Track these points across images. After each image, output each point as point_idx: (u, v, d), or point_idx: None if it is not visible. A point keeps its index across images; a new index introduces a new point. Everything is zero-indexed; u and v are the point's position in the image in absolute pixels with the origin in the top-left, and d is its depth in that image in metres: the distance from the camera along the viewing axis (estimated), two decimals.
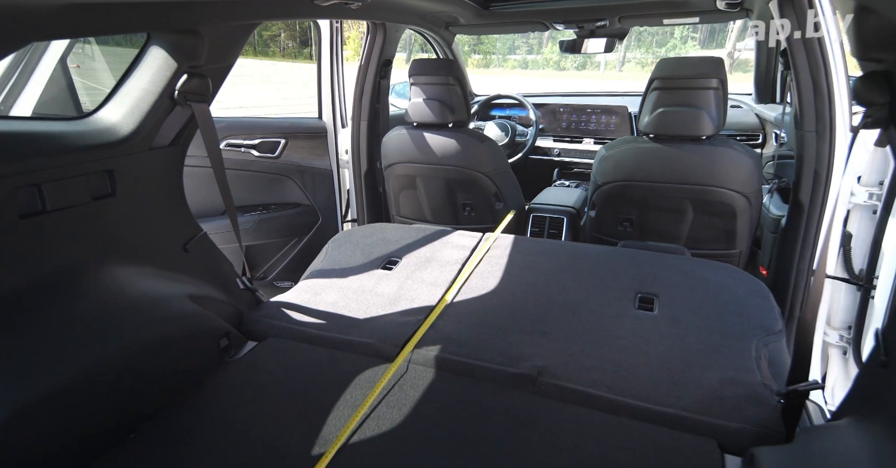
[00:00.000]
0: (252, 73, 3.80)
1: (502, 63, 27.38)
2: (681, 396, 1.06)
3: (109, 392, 0.99)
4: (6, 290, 0.92)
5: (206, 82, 1.24)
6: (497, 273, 1.61)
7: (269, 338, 1.37)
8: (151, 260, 1.23)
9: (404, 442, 0.98)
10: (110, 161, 1.11)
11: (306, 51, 9.28)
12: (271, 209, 2.27)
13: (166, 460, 0.94)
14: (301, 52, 11.34)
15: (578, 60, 21.33)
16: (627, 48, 20.00)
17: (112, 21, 0.93)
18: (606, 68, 21.37)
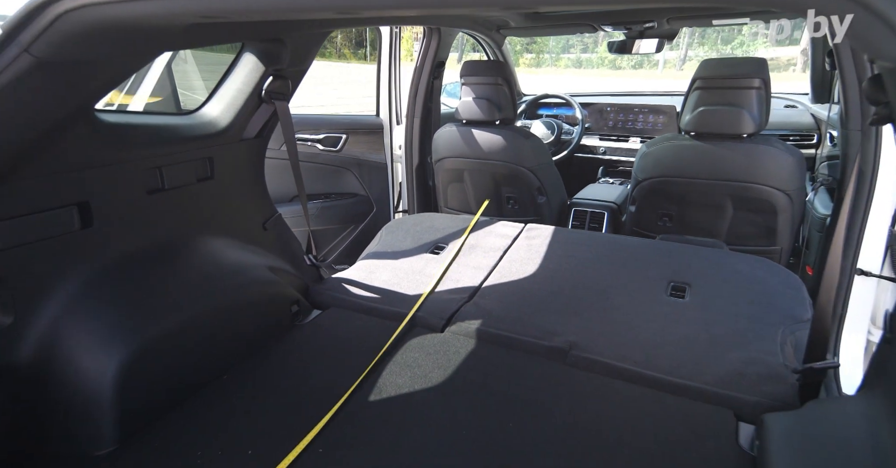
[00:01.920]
0: (311, 74, 4.11)
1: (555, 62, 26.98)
2: (703, 372, 1.15)
3: (207, 339, 1.20)
4: (135, 251, 1.15)
5: (287, 83, 1.43)
6: (536, 259, 1.73)
7: (331, 307, 1.56)
8: (238, 234, 1.45)
9: (448, 396, 1.13)
10: (211, 149, 1.33)
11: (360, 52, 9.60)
12: (332, 198, 2.49)
13: (250, 398, 1.14)
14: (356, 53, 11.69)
15: (635, 59, 20.66)
16: (689, 45, 19.20)
17: (220, 34, 1.13)
18: (665, 67, 20.57)
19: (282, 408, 1.09)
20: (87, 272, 1.05)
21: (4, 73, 0.76)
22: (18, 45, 0.76)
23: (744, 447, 0.97)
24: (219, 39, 1.20)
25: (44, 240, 0.98)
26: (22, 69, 0.78)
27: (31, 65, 0.78)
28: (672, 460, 0.94)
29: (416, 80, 2.36)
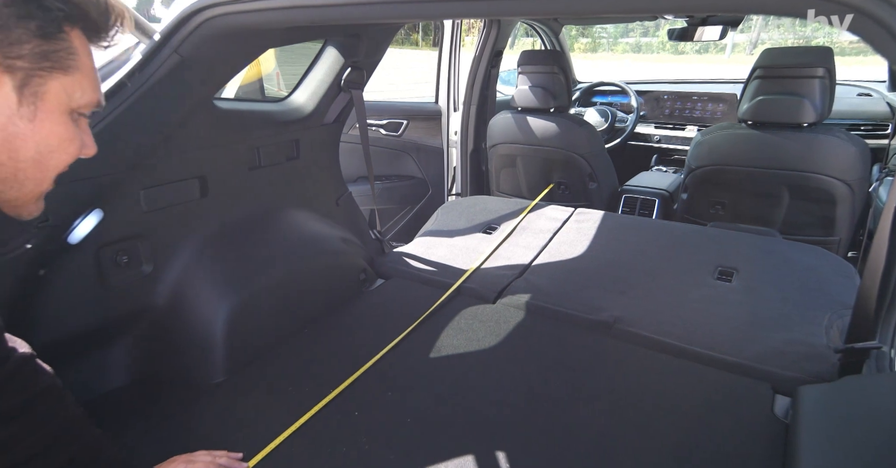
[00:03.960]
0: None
1: (612, 47, 25.97)
2: (744, 349, 1.21)
3: (292, 296, 1.40)
4: (239, 218, 1.36)
5: (363, 73, 1.60)
6: (585, 241, 1.83)
7: (393, 277, 1.73)
8: (317, 208, 1.64)
9: (497, 356, 1.27)
10: (298, 132, 1.52)
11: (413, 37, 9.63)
12: (392, 180, 2.68)
13: (326, 347, 1.33)
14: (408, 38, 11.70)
15: (700, 43, 19.52)
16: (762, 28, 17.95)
17: (311, 33, 1.31)
18: (734, 51, 19.33)
19: (352, 357, 1.26)
20: (203, 234, 1.26)
21: (160, 69, 0.96)
22: (170, 47, 0.96)
23: (778, 416, 1.04)
24: (310, 37, 1.37)
25: (173, 206, 1.19)
26: (171, 66, 0.97)
27: (178, 63, 0.98)
28: (706, 424, 1.02)
29: (474, 68, 2.48)
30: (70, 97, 0.55)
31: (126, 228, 1.11)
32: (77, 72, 0.55)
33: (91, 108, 0.59)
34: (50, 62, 0.52)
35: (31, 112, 0.52)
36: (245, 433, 1.01)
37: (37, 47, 0.50)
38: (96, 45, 0.59)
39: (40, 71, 0.52)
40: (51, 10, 0.51)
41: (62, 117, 0.55)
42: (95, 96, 0.59)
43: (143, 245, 1.15)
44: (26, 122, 0.52)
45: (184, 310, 1.20)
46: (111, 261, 1.09)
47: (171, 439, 0.99)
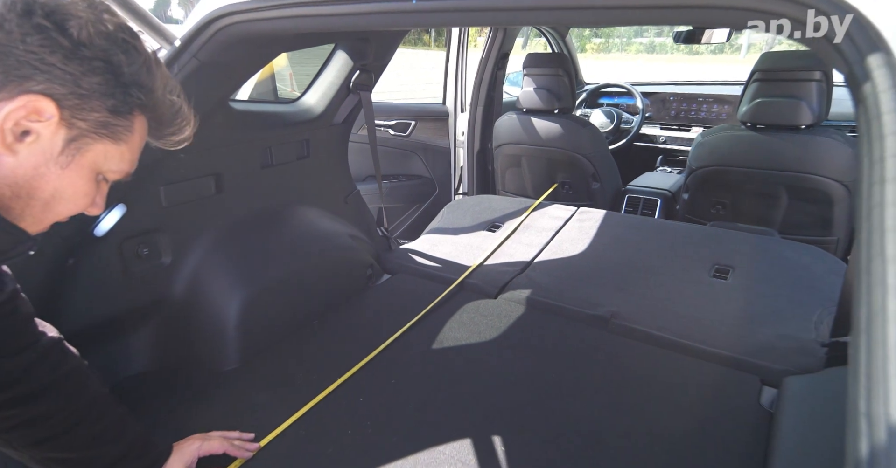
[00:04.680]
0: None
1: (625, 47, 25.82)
2: (735, 343, 1.25)
3: (301, 290, 1.46)
4: (251, 214, 1.42)
5: (371, 76, 1.65)
6: (586, 240, 1.87)
7: (399, 273, 1.79)
8: (326, 206, 1.70)
9: (498, 349, 1.32)
10: (308, 132, 1.58)
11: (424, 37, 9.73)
12: (399, 179, 2.74)
13: (333, 339, 1.39)
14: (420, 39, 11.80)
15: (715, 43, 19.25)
16: None
17: (322, 38, 1.37)
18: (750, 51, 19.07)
19: (358, 347, 1.32)
20: (219, 229, 1.33)
21: (180, 73, 1.02)
22: (190, 52, 1.02)
23: (764, 405, 1.09)
24: (321, 41, 1.44)
25: (191, 202, 1.26)
26: (191, 70, 1.04)
27: (196, 67, 1.04)
28: (695, 413, 1.07)
29: (480, 70, 2.53)
30: (105, 162, 0.60)
31: (147, 222, 1.18)
32: (124, 145, 0.60)
33: (117, 177, 0.64)
34: (106, 131, 0.57)
35: (67, 162, 0.56)
36: (256, 416, 1.07)
37: (102, 117, 0.56)
38: (152, 135, 0.65)
39: (94, 134, 0.57)
40: (130, 97, 0.57)
41: (89, 175, 0.60)
42: (127, 169, 0.64)
43: (162, 238, 1.22)
44: (58, 169, 0.56)
45: (199, 301, 1.26)
46: (133, 253, 1.16)
47: (187, 421, 1.06)
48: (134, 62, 0.57)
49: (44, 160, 0.55)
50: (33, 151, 0.54)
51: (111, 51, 0.55)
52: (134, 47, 0.57)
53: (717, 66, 14.31)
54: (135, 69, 0.57)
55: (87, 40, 0.53)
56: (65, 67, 0.52)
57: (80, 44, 0.52)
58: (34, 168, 0.55)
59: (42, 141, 0.54)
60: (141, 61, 0.58)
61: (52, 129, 0.54)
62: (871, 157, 0.42)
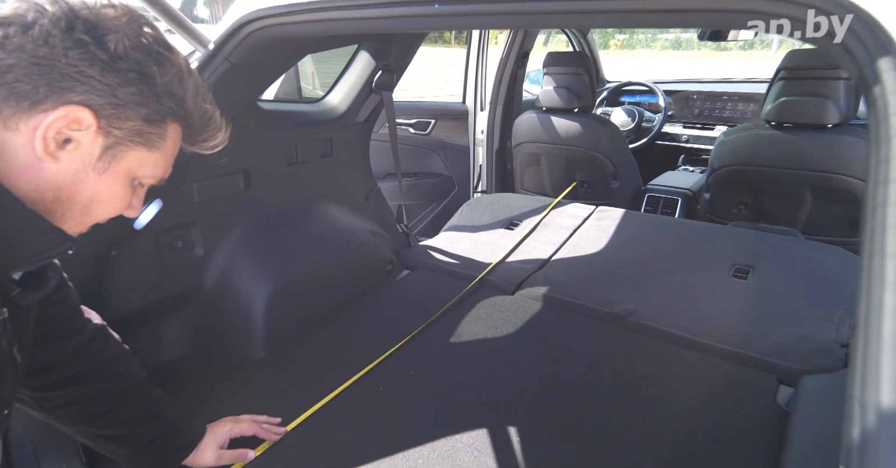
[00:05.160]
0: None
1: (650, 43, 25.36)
2: (753, 343, 1.25)
3: (324, 284, 1.52)
4: (277, 211, 1.48)
5: (392, 76, 1.69)
6: (604, 238, 1.88)
7: (418, 269, 1.83)
8: (348, 202, 1.75)
9: (514, 343, 1.35)
10: (331, 131, 1.63)
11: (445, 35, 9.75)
12: (419, 177, 2.78)
13: (355, 331, 1.43)
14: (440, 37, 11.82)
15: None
16: None
17: (346, 39, 1.41)
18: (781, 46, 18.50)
19: (379, 340, 1.36)
20: (246, 224, 1.39)
21: (213, 75, 1.08)
22: (222, 55, 1.07)
23: (780, 404, 1.08)
24: (344, 43, 1.48)
25: (222, 197, 1.32)
26: (223, 72, 1.09)
27: (228, 69, 1.10)
28: (710, 410, 1.07)
29: (500, 69, 2.55)
30: (140, 168, 0.63)
31: (181, 216, 1.24)
32: (157, 152, 0.64)
33: (152, 182, 0.67)
34: (140, 139, 0.61)
35: (104, 168, 0.60)
36: (282, 402, 1.12)
37: (137, 126, 0.59)
38: (186, 142, 0.68)
39: (129, 142, 0.60)
40: (163, 106, 0.60)
41: (125, 180, 0.63)
42: (161, 175, 0.67)
43: (195, 231, 1.28)
44: (95, 174, 0.60)
45: (229, 292, 1.32)
46: (168, 246, 1.23)
47: (218, 405, 1.11)
48: (167, 73, 0.60)
49: (83, 166, 0.58)
50: (73, 158, 0.57)
51: (145, 63, 0.58)
52: (167, 59, 0.60)
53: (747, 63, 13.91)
54: (167, 80, 0.60)
55: (123, 53, 0.56)
56: (102, 79, 0.55)
57: (117, 57, 0.56)
58: (74, 174, 0.58)
59: (81, 148, 0.57)
60: (173, 72, 0.61)
61: (90, 138, 0.57)
62: (878, 158, 0.44)
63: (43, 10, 0.53)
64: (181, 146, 0.69)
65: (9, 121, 0.53)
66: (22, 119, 0.53)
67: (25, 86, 0.52)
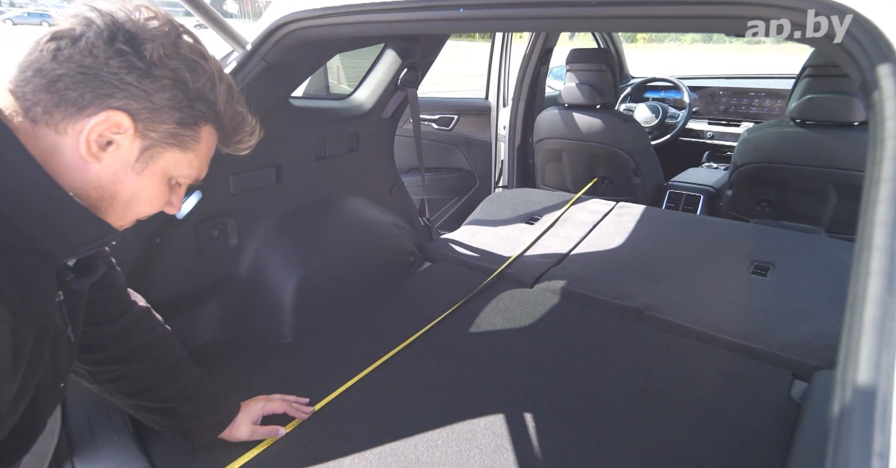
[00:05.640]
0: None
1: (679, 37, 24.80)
2: (770, 338, 1.26)
3: (349, 273, 1.58)
4: (305, 203, 1.55)
5: (417, 73, 1.74)
6: (623, 234, 1.90)
7: (439, 261, 1.88)
8: (372, 196, 1.81)
9: (531, 335, 1.39)
10: (358, 127, 1.69)
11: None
12: (441, 172, 2.83)
13: (378, 320, 1.49)
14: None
15: None
16: None
17: (374, 39, 1.46)
18: None
19: (401, 328, 1.42)
20: (277, 215, 1.46)
21: (250, 74, 1.14)
22: (259, 55, 1.14)
23: (794, 398, 1.10)
24: (372, 42, 1.54)
25: (255, 190, 1.40)
26: (259, 71, 1.15)
27: (264, 68, 1.16)
28: (723, 402, 1.10)
29: (524, 66, 2.57)
30: (176, 168, 0.68)
31: (218, 207, 1.32)
32: (192, 153, 0.68)
33: (188, 181, 0.71)
34: (175, 141, 0.65)
35: (141, 168, 0.64)
36: (310, 384, 1.19)
37: (171, 129, 0.64)
38: (221, 143, 0.73)
39: (165, 144, 0.65)
40: (195, 109, 0.65)
41: (161, 180, 0.67)
42: (196, 175, 0.71)
43: (230, 222, 1.36)
44: (134, 175, 0.64)
45: (260, 280, 1.40)
46: (206, 235, 1.31)
47: (250, 385, 1.19)
48: (199, 79, 0.64)
49: (122, 167, 0.63)
50: (114, 159, 0.62)
51: (179, 69, 0.62)
52: (200, 66, 0.64)
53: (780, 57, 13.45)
54: (199, 85, 0.64)
55: (158, 61, 0.60)
56: (139, 85, 0.59)
57: (153, 64, 0.60)
58: (114, 173, 0.63)
59: (121, 150, 0.62)
60: (206, 78, 0.65)
61: (129, 140, 0.62)
62: (874, 159, 0.47)
63: (90, 23, 0.58)
64: (217, 147, 0.73)
65: (59, 125, 0.58)
66: (70, 123, 0.58)
67: (73, 93, 0.57)
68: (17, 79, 0.57)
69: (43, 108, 0.57)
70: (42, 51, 0.57)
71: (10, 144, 0.56)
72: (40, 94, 0.57)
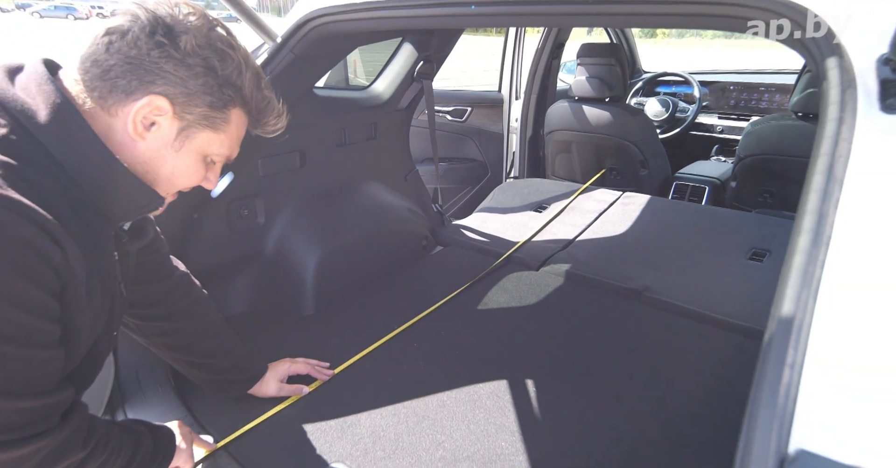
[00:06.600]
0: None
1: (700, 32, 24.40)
2: (762, 317, 1.34)
3: (365, 254, 1.69)
4: (326, 187, 1.66)
5: (433, 66, 1.83)
6: (628, 222, 1.98)
7: (451, 246, 1.98)
8: (388, 182, 1.92)
9: (536, 314, 1.48)
10: (376, 116, 1.79)
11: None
12: (454, 162, 2.92)
13: (392, 297, 1.60)
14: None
15: None
16: None
17: (393, 33, 1.56)
18: None
19: (413, 304, 1.52)
20: (300, 197, 1.57)
21: (279, 65, 1.25)
22: (288, 48, 1.24)
23: None
24: (391, 36, 1.63)
25: (281, 173, 1.51)
26: (287, 63, 1.26)
27: (291, 60, 1.26)
28: (715, 374, 1.18)
29: (536, 59, 2.64)
30: (209, 147, 0.76)
31: (248, 188, 1.43)
32: (223, 133, 0.76)
33: (221, 159, 0.80)
34: (207, 122, 0.74)
35: (179, 147, 0.73)
36: (330, 352, 1.30)
37: (204, 111, 0.73)
38: (251, 126, 0.81)
39: (198, 125, 0.73)
40: (224, 94, 0.73)
41: (197, 157, 0.76)
42: (227, 153, 0.80)
43: (258, 202, 1.47)
44: (172, 152, 0.73)
45: (284, 257, 1.51)
46: (237, 213, 1.42)
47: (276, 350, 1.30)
48: (227, 66, 0.73)
49: (163, 145, 0.72)
50: (156, 138, 0.72)
51: (210, 58, 0.71)
52: (229, 55, 0.73)
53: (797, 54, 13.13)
54: (227, 72, 0.73)
55: (192, 51, 0.69)
56: (175, 72, 0.68)
57: (187, 54, 0.69)
58: (157, 150, 0.73)
59: (162, 130, 0.71)
60: (233, 66, 0.73)
61: (168, 121, 0.71)
62: (819, 137, 0.55)
63: (136, 19, 0.68)
64: (248, 130, 0.82)
65: (111, 108, 0.68)
66: (120, 107, 0.68)
67: (122, 80, 0.67)
68: (81, 69, 0.68)
69: (99, 93, 0.67)
70: (98, 44, 0.67)
71: (80, 125, 0.66)
72: (97, 81, 0.67)
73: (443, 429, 1.05)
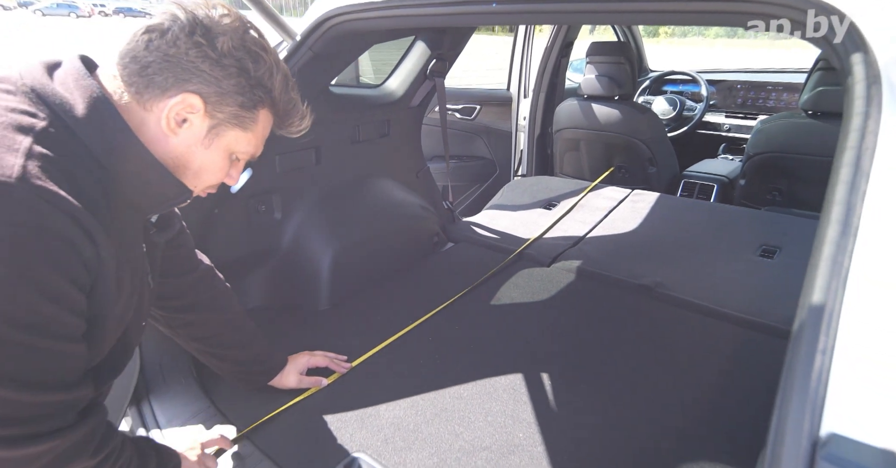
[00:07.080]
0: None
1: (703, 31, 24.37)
2: (772, 313, 1.36)
3: (379, 250, 1.71)
4: (340, 183, 1.67)
5: (445, 64, 1.85)
6: (637, 219, 1.99)
7: (461, 242, 2.00)
8: (400, 179, 1.93)
9: (547, 308, 1.50)
10: (389, 114, 1.80)
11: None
12: (463, 159, 2.93)
13: (405, 292, 1.62)
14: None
15: None
16: None
17: (407, 31, 1.57)
18: None
19: (426, 300, 1.54)
20: (316, 194, 1.59)
21: (298, 62, 1.26)
22: (307, 46, 1.26)
23: None
24: (405, 34, 1.65)
25: (297, 169, 1.52)
26: (306, 61, 1.28)
27: (310, 58, 1.28)
28: (723, 369, 1.20)
29: (545, 58, 2.65)
30: (237, 145, 0.78)
31: (265, 184, 1.45)
32: (251, 133, 0.78)
33: (246, 157, 0.82)
34: (237, 121, 0.76)
35: (209, 143, 0.75)
36: (346, 346, 1.32)
37: (235, 111, 0.75)
38: (276, 126, 0.83)
39: (228, 123, 0.75)
40: (255, 95, 0.75)
41: (224, 154, 0.78)
42: (252, 152, 0.82)
43: (275, 198, 1.49)
44: (202, 149, 0.75)
45: (300, 252, 1.53)
46: (254, 209, 1.44)
47: (294, 345, 1.32)
48: (259, 68, 0.74)
49: (193, 141, 0.74)
50: (188, 134, 0.73)
51: (244, 60, 0.73)
52: (261, 57, 0.75)
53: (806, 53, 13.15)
54: (260, 74, 0.74)
55: (227, 52, 0.71)
56: (211, 72, 0.70)
57: (223, 54, 0.71)
58: (187, 146, 0.74)
59: (193, 127, 0.73)
60: (265, 68, 0.75)
61: (200, 119, 0.73)
62: (845, 130, 0.57)
63: (176, 19, 0.70)
64: (272, 130, 0.84)
65: (146, 104, 0.70)
66: (155, 102, 0.70)
67: (159, 77, 0.69)
68: (120, 64, 0.69)
69: (136, 88, 0.69)
70: (137, 41, 0.69)
71: (116, 119, 0.69)
72: (134, 77, 0.69)
73: (461, 420, 1.07)
